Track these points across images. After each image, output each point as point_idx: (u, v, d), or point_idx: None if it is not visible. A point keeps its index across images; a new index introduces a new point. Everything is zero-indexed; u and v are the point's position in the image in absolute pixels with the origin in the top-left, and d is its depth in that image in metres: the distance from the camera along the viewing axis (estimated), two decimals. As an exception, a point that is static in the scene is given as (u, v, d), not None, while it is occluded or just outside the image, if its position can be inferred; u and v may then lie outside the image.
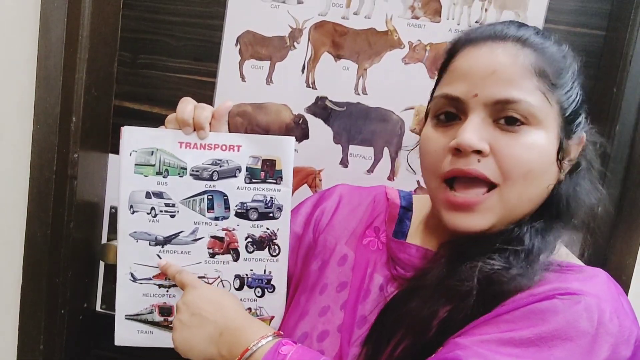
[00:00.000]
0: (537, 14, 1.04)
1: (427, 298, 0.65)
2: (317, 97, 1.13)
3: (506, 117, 0.64)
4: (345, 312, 0.74)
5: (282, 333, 0.70)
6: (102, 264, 1.23)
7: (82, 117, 1.10)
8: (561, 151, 0.66)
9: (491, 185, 0.65)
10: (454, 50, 0.70)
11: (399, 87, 1.09)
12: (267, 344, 0.66)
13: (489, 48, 0.66)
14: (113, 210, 1.21)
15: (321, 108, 1.13)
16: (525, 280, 0.62)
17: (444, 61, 0.72)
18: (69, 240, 1.13)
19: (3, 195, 1.13)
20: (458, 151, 0.65)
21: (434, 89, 0.74)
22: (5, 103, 1.10)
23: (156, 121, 1.18)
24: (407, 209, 0.82)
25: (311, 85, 1.13)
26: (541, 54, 0.66)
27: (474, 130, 0.63)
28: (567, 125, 0.67)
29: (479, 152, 0.64)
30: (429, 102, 0.74)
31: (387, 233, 0.79)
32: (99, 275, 1.24)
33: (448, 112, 0.68)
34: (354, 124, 1.12)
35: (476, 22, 1.06)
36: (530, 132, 0.64)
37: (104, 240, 1.23)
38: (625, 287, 0.96)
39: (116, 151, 1.20)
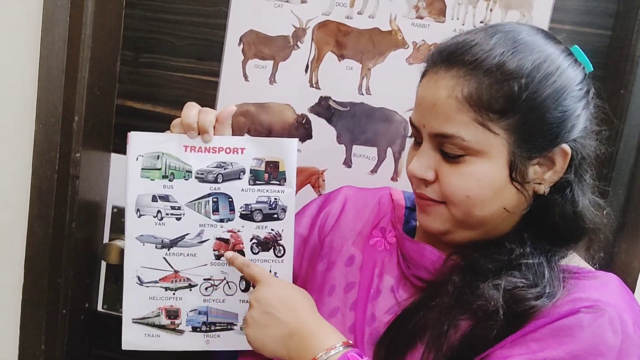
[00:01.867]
0: (543, 13, 1.03)
1: (447, 311, 0.66)
2: (321, 97, 1.12)
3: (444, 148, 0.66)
4: (356, 312, 0.74)
5: (351, 342, 0.69)
6: (103, 264, 1.23)
7: (85, 116, 1.10)
8: (515, 172, 0.65)
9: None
10: (424, 70, 0.71)
11: (402, 87, 1.09)
12: (335, 355, 0.65)
13: (434, 79, 0.67)
14: (115, 210, 1.21)
15: (324, 108, 1.12)
16: (548, 300, 0.63)
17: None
18: (71, 240, 1.13)
19: (5, 195, 1.13)
20: None
21: None
22: (7, 102, 1.10)
23: (159, 120, 1.18)
24: (412, 209, 0.82)
25: (314, 85, 1.12)
26: (490, 81, 0.63)
27: (421, 159, 0.68)
28: (526, 146, 0.64)
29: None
30: None
31: (397, 233, 0.79)
32: (100, 275, 1.24)
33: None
34: (358, 124, 1.12)
35: (481, 22, 1.06)
36: (472, 162, 0.65)
37: (105, 240, 1.23)
38: (632, 289, 0.95)
39: (119, 150, 1.21)
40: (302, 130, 1.13)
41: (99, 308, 1.24)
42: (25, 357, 1.15)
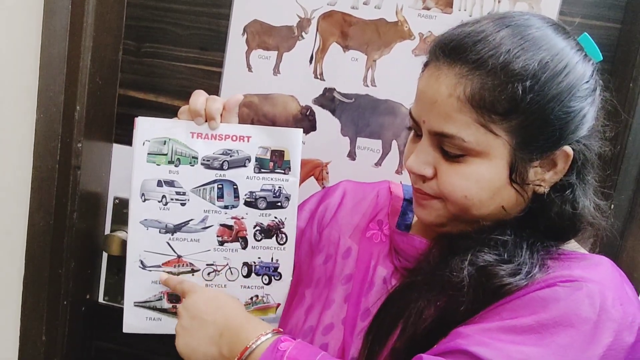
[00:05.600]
0: (552, 5, 1.02)
1: (422, 289, 0.66)
2: (325, 88, 1.11)
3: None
4: (349, 304, 0.75)
5: (281, 330, 0.70)
6: (105, 255, 1.22)
7: (86, 106, 1.09)
8: (515, 174, 0.64)
9: None
10: (426, 61, 0.69)
11: (408, 79, 1.06)
12: (266, 341, 0.66)
13: (436, 74, 0.64)
14: (117, 200, 1.20)
15: (329, 99, 1.11)
16: (525, 279, 0.61)
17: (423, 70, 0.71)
18: (72, 231, 1.12)
19: (6, 185, 1.12)
20: None
21: None
22: (8, 91, 1.09)
23: (161, 111, 1.17)
24: (410, 201, 0.81)
25: (319, 76, 1.11)
26: (494, 82, 0.60)
27: (420, 155, 0.67)
28: (527, 148, 0.63)
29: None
30: None
31: (390, 225, 0.80)
32: (101, 267, 1.23)
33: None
34: (362, 116, 1.11)
35: (488, 13, 1.04)
36: (472, 162, 0.64)
37: (107, 231, 1.22)
38: (637, 284, 0.94)
39: (121, 141, 1.20)
40: (306, 122, 1.12)
41: (100, 299, 1.24)
42: (26, 347, 1.15)
